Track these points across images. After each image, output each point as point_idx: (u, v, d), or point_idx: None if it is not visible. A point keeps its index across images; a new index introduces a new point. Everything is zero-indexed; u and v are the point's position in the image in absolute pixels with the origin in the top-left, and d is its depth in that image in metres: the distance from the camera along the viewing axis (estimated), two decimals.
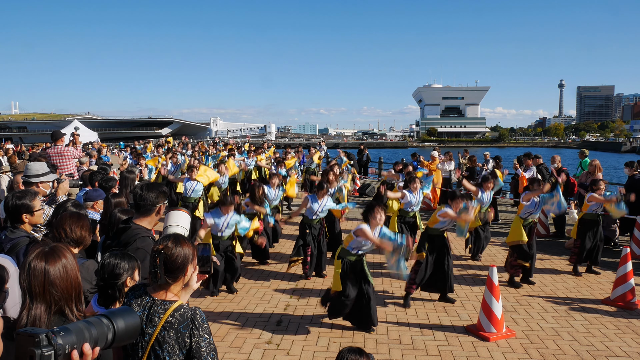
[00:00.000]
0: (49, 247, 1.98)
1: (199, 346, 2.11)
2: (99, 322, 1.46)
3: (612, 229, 9.46)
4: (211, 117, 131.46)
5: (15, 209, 3.57)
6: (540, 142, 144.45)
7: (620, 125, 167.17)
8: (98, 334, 1.43)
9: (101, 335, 1.44)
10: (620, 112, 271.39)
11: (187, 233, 3.38)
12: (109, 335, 1.47)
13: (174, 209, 3.55)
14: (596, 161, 10.14)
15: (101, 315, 1.51)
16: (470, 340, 5.23)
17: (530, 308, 6.20)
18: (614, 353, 4.95)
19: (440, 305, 6.31)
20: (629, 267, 6.28)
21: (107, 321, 1.49)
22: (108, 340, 1.47)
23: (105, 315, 1.51)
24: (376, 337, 5.30)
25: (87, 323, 1.43)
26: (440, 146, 71.31)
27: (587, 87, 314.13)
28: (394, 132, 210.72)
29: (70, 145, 8.90)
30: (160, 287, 2.20)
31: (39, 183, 5.05)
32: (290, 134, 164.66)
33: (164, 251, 2.16)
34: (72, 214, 3.17)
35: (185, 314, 2.14)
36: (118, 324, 1.50)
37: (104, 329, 1.46)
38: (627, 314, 6.00)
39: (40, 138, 55.27)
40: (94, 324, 1.44)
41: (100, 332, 1.44)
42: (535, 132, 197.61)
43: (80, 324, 1.42)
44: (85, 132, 33.66)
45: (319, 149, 18.46)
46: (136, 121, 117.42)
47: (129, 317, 1.55)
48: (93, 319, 1.47)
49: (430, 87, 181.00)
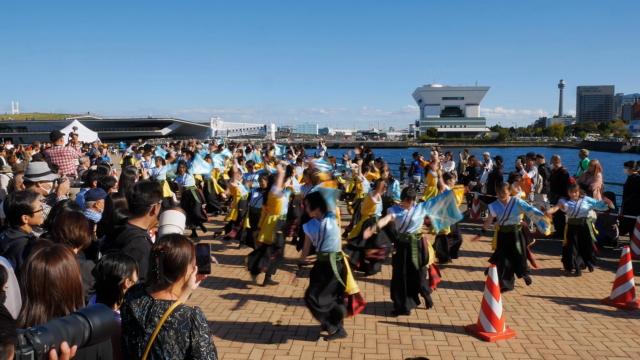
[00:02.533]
0: (50, 248, 1.98)
1: (199, 346, 2.10)
2: (75, 321, 1.46)
3: (612, 229, 9.47)
4: (211, 117, 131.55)
5: (14, 209, 3.56)
6: (540, 142, 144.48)
7: (620, 125, 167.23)
8: (75, 332, 1.42)
9: (78, 333, 1.44)
10: (620, 112, 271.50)
11: (182, 232, 3.37)
12: (85, 333, 1.46)
13: (168, 208, 3.54)
14: (596, 161, 10.14)
15: (76, 314, 1.50)
16: (470, 340, 5.23)
17: (530, 308, 6.20)
18: (614, 353, 4.95)
19: (440, 305, 6.31)
20: (629, 267, 6.28)
21: (82, 319, 1.48)
22: (85, 338, 1.46)
23: (81, 314, 1.50)
24: (376, 337, 5.30)
25: (64, 322, 1.42)
26: (440, 146, 71.31)
27: (587, 87, 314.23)
28: (394, 132, 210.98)
29: (69, 145, 8.90)
30: (159, 287, 2.20)
31: (39, 182, 5.04)
32: (290, 134, 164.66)
33: (163, 251, 2.16)
34: (71, 214, 3.16)
35: (185, 314, 2.13)
36: (94, 322, 1.49)
37: (81, 327, 1.45)
38: (627, 314, 6.00)
39: (40, 138, 55.24)
40: (71, 323, 1.43)
41: (77, 331, 1.44)
42: (535, 132, 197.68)
43: (57, 322, 1.41)
44: (85, 132, 33.72)
45: (319, 148, 18.43)
46: (136, 121, 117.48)
47: (104, 314, 1.54)
48: (69, 318, 1.46)
49: (430, 87, 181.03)
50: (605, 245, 9.37)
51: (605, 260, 8.40)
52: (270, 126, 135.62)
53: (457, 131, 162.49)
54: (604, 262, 8.31)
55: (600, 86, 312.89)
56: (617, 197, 10.29)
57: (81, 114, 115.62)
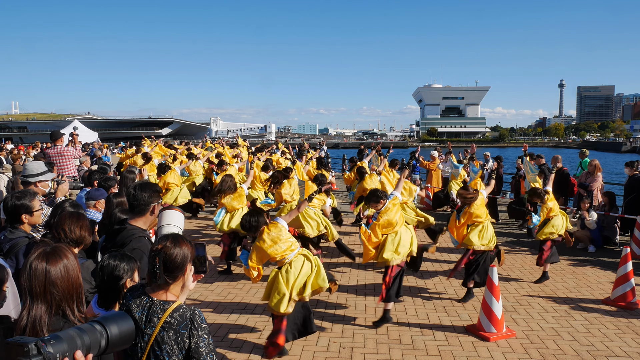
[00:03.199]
0: (51, 248, 1.98)
1: (198, 346, 2.10)
2: (92, 329, 1.45)
3: (612, 228, 9.46)
4: (211, 117, 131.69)
5: (14, 209, 3.57)
6: (541, 142, 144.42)
7: (620, 125, 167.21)
8: (91, 341, 1.42)
9: (94, 342, 1.43)
10: (621, 112, 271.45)
11: (181, 232, 3.38)
12: (102, 342, 1.46)
13: (167, 208, 3.55)
14: (595, 161, 10.15)
15: (94, 322, 1.49)
16: (470, 340, 5.23)
17: (530, 308, 6.20)
18: (614, 353, 4.95)
19: (440, 305, 6.30)
20: (629, 267, 6.28)
21: (100, 328, 1.47)
22: (101, 347, 1.46)
23: (99, 322, 1.49)
24: (376, 337, 5.29)
25: (80, 330, 1.42)
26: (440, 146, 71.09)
27: (587, 87, 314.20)
28: (394, 132, 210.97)
29: (69, 146, 8.90)
30: (159, 287, 2.20)
31: (37, 182, 5.05)
32: (291, 134, 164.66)
33: (163, 251, 2.17)
34: (72, 214, 3.17)
35: (184, 314, 2.13)
36: (112, 330, 1.48)
37: (97, 336, 1.45)
38: (627, 314, 6.00)
39: (40, 138, 55.24)
40: (87, 331, 1.43)
41: (93, 339, 1.43)
42: (536, 132, 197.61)
43: (72, 331, 1.40)
44: (85, 132, 33.71)
45: (319, 149, 18.42)
46: (136, 121, 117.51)
47: (123, 322, 1.53)
48: (85, 326, 1.45)
49: (430, 87, 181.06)
50: (606, 245, 9.37)
51: (605, 260, 8.39)
52: (270, 126, 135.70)
53: (458, 131, 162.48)
54: (604, 262, 8.30)
55: (600, 86, 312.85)
56: (618, 197, 10.28)
57: (81, 114, 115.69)
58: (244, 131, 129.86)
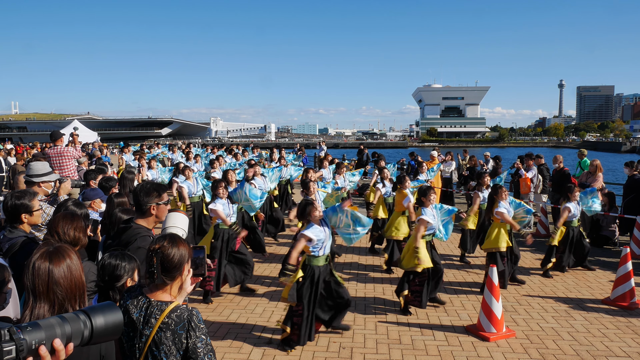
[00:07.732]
0: (54, 247, 1.98)
1: (196, 347, 2.10)
2: (75, 319, 1.43)
3: (611, 228, 9.46)
4: (211, 117, 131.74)
5: (14, 208, 3.56)
6: (540, 142, 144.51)
7: (620, 125, 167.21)
8: (72, 331, 1.40)
9: (76, 331, 1.41)
10: (620, 112, 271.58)
11: (185, 235, 3.39)
12: (85, 332, 1.43)
13: (172, 210, 3.55)
14: (597, 161, 10.13)
15: (79, 311, 1.47)
16: (470, 340, 5.23)
17: (530, 308, 6.20)
18: (614, 353, 4.95)
19: (440, 305, 6.30)
20: (629, 267, 6.28)
21: (84, 317, 1.45)
22: (84, 337, 1.43)
23: (84, 311, 1.47)
24: (376, 337, 5.29)
25: (61, 319, 1.40)
26: (440, 146, 71.36)
27: (587, 87, 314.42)
28: (394, 132, 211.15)
29: (69, 146, 8.89)
30: (156, 287, 2.20)
31: (40, 183, 5.05)
32: (290, 134, 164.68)
33: (160, 250, 2.17)
34: (66, 215, 3.16)
35: (182, 315, 2.13)
36: (97, 321, 1.45)
37: (80, 326, 1.42)
38: (627, 314, 6.00)
39: (40, 138, 55.30)
40: (69, 320, 1.41)
41: (75, 328, 1.41)
42: (535, 132, 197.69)
43: (53, 319, 1.39)
44: (85, 132, 33.66)
45: (319, 148, 18.43)
46: (136, 121, 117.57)
47: (109, 313, 1.50)
48: (69, 315, 1.43)
49: (430, 87, 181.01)
50: (605, 245, 9.37)
51: (605, 260, 8.39)
52: (270, 126, 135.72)
53: (457, 131, 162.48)
54: (604, 262, 8.30)
55: (600, 86, 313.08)
56: (617, 197, 10.29)
57: (81, 114, 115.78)
58: (243, 131, 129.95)
